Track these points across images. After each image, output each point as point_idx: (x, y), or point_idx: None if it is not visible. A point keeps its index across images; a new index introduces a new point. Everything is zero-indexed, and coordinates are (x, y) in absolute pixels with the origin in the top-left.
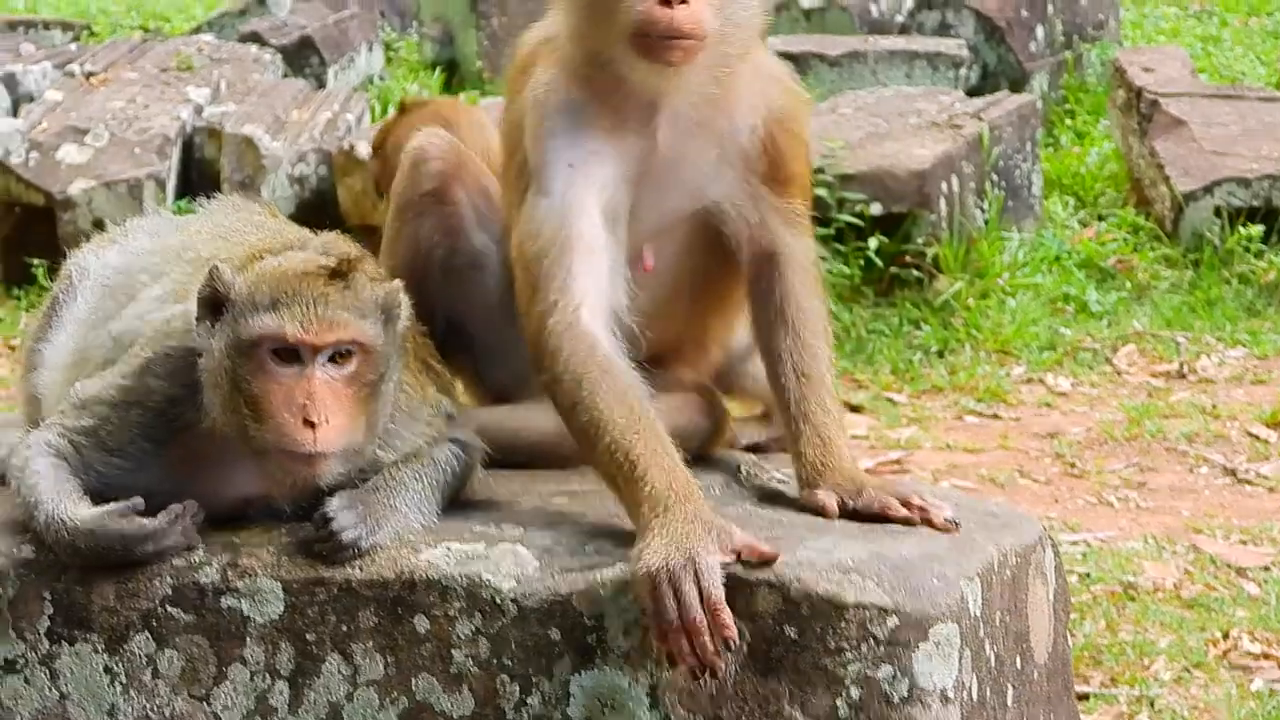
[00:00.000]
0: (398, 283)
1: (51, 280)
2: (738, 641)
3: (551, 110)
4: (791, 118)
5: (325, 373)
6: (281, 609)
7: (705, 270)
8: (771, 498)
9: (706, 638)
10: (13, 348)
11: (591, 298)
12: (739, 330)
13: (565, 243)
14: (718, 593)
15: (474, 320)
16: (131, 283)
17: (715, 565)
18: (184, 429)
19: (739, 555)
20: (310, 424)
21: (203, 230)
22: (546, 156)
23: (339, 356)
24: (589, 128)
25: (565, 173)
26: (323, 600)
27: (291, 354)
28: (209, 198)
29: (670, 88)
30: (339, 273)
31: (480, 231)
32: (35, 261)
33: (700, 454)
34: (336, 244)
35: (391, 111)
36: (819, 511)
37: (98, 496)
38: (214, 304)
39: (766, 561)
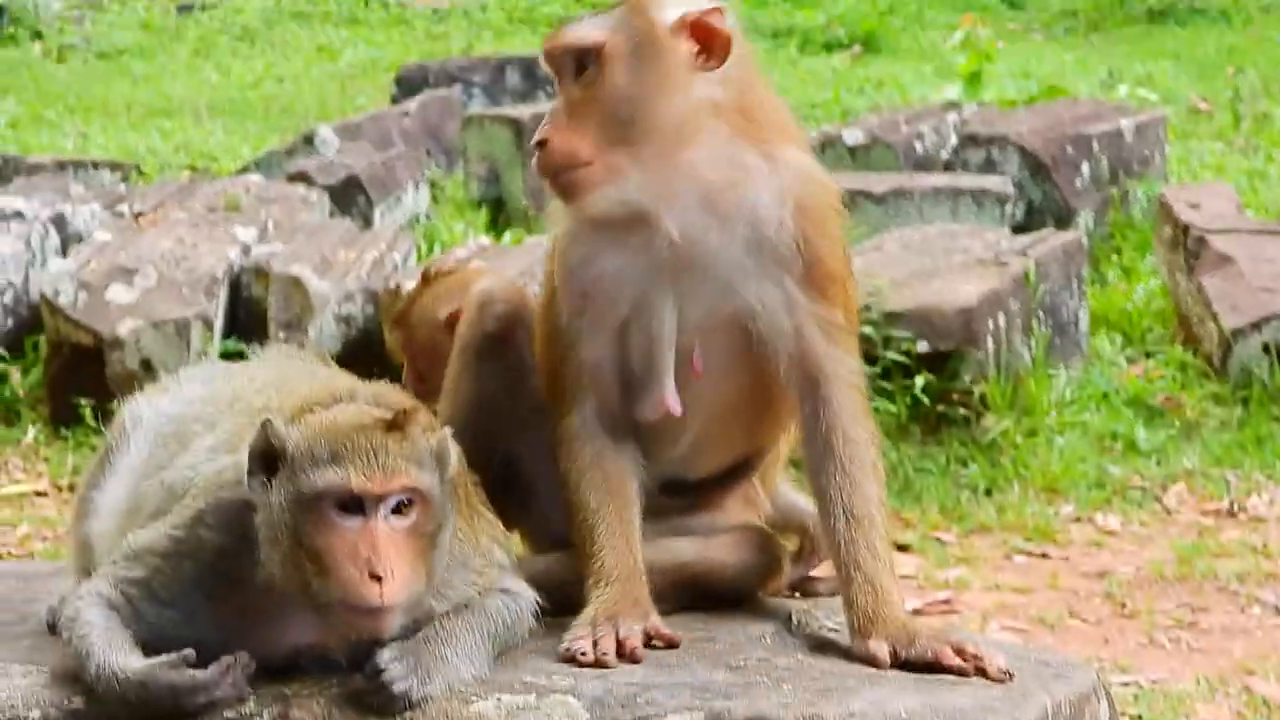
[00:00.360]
0: (447, 431)
1: (99, 421)
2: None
3: (565, 241)
4: (817, 209)
5: (388, 525)
6: None
7: (755, 384)
8: (823, 647)
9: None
10: (60, 488)
11: (597, 408)
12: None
13: (576, 367)
14: (634, 640)
15: (533, 465)
16: (184, 431)
17: (637, 630)
18: (237, 581)
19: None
20: (376, 578)
21: (254, 379)
22: (563, 284)
23: (400, 508)
24: (600, 252)
25: (578, 300)
26: None
27: (355, 506)
28: (257, 338)
29: (587, 208)
30: (395, 424)
31: None
32: (83, 401)
33: (753, 593)
34: (387, 395)
35: (415, 281)
36: (871, 662)
37: (149, 647)
38: (268, 458)
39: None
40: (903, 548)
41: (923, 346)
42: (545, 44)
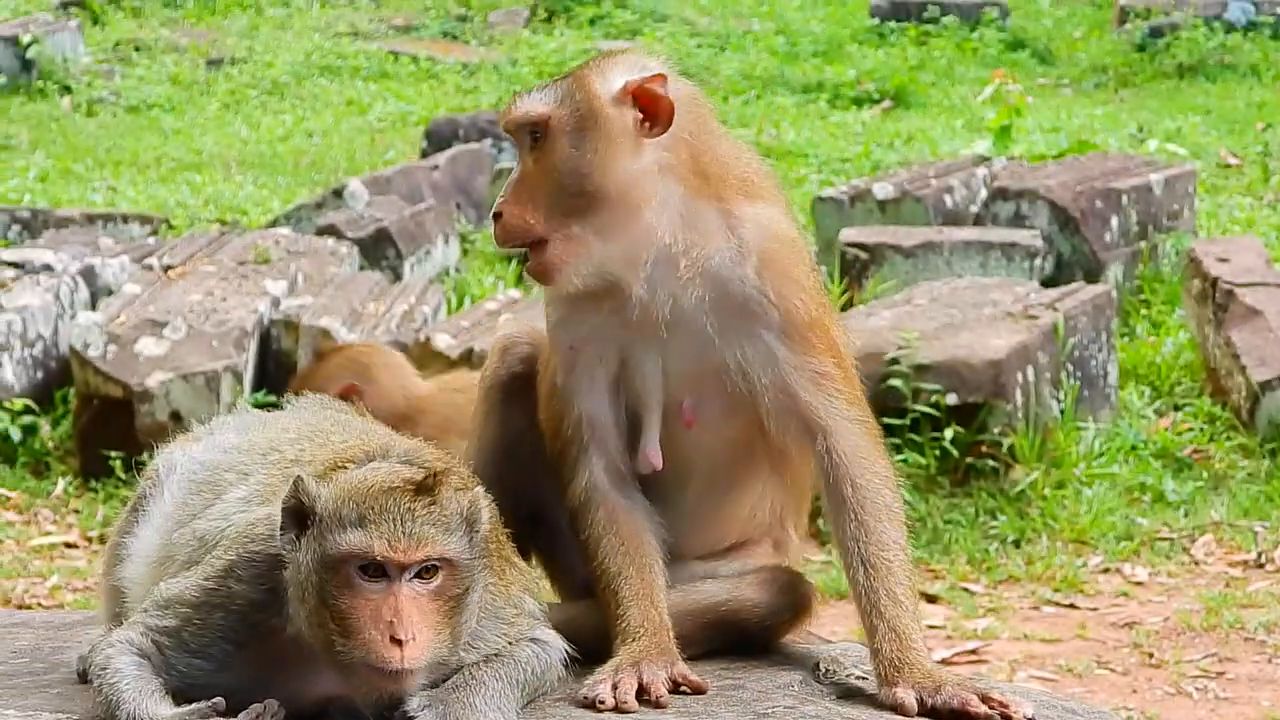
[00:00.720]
0: (479, 491)
1: (129, 473)
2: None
3: (550, 301)
4: (780, 262)
5: (412, 589)
6: None
7: (755, 433)
8: (851, 695)
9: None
10: (89, 540)
11: (603, 465)
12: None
13: (575, 422)
14: (659, 686)
15: (559, 509)
16: (218, 480)
17: (661, 676)
18: (267, 632)
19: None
20: (398, 641)
21: (289, 429)
22: (554, 342)
23: (425, 572)
24: (584, 310)
25: (568, 355)
26: None
27: (379, 570)
28: (286, 391)
29: (561, 289)
30: (425, 487)
31: None
32: (113, 454)
33: (783, 634)
34: (422, 453)
35: (312, 359)
36: (898, 710)
37: (179, 695)
38: (299, 515)
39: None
40: (931, 598)
41: (952, 399)
42: (501, 115)
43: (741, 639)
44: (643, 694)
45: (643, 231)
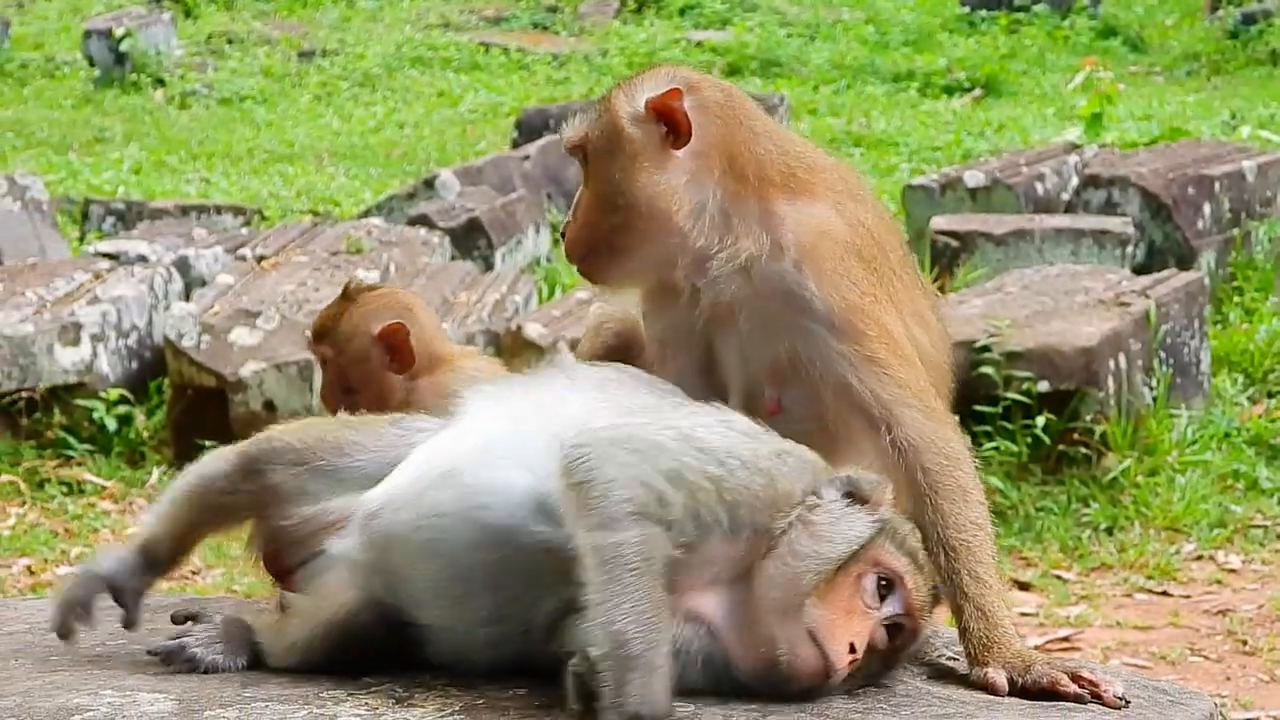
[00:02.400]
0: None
1: None
2: None
3: (640, 297)
4: (819, 257)
5: (883, 632)
6: None
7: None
8: (942, 675)
9: None
10: None
11: None
12: None
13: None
14: None
15: None
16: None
17: None
18: None
19: None
20: (851, 651)
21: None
22: (646, 335)
23: (895, 631)
24: (663, 305)
25: (658, 349)
26: None
27: (888, 589)
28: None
29: (609, 289)
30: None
31: None
32: (206, 443)
33: None
34: None
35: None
36: (988, 689)
37: None
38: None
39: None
40: (1024, 585)
41: (1044, 386)
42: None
43: None
44: None
45: (678, 234)
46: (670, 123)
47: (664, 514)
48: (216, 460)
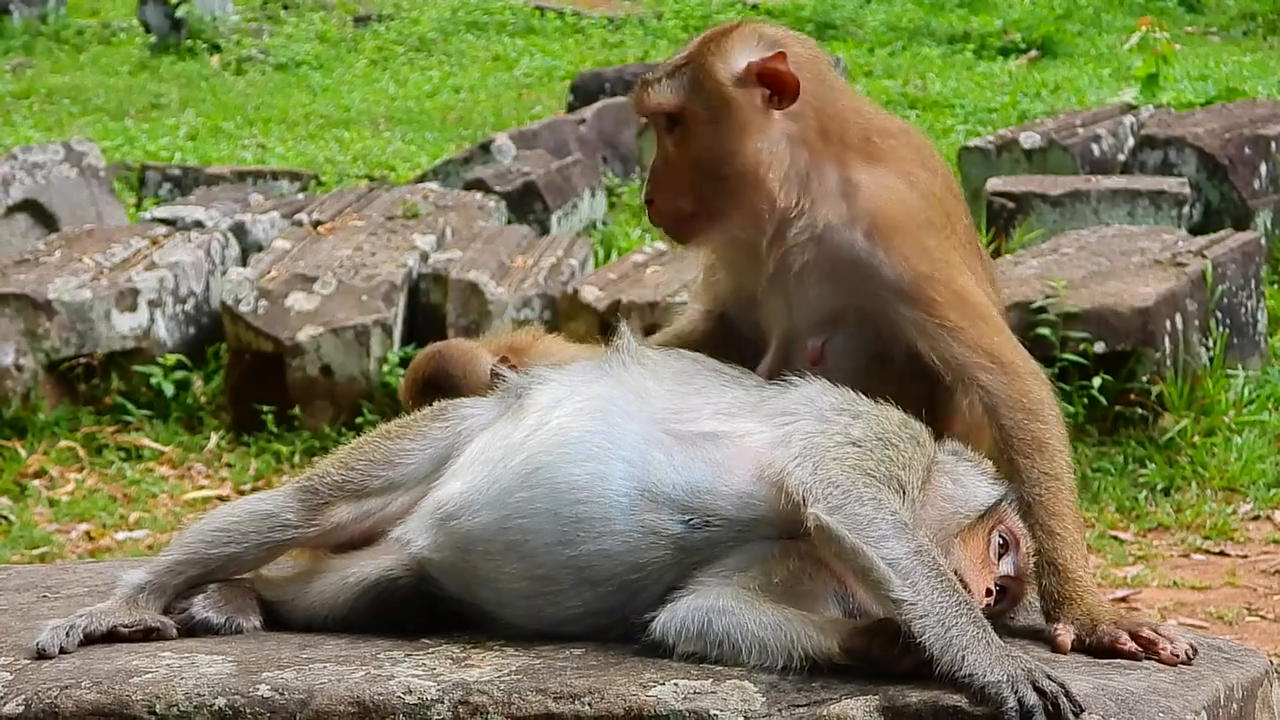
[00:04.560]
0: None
1: (280, 426)
2: None
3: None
4: (888, 226)
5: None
6: None
7: (890, 377)
8: (1010, 631)
9: None
10: (242, 493)
11: None
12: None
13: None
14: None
15: None
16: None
17: None
18: None
19: None
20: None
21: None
22: (703, 285)
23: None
24: (726, 262)
25: (712, 295)
26: None
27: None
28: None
29: (694, 248)
30: None
31: None
32: (264, 408)
33: None
34: None
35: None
36: (1054, 646)
37: None
38: None
39: None
40: None
41: (1100, 347)
42: (634, 102)
43: None
44: None
45: (767, 197)
46: (775, 85)
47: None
48: (269, 501)
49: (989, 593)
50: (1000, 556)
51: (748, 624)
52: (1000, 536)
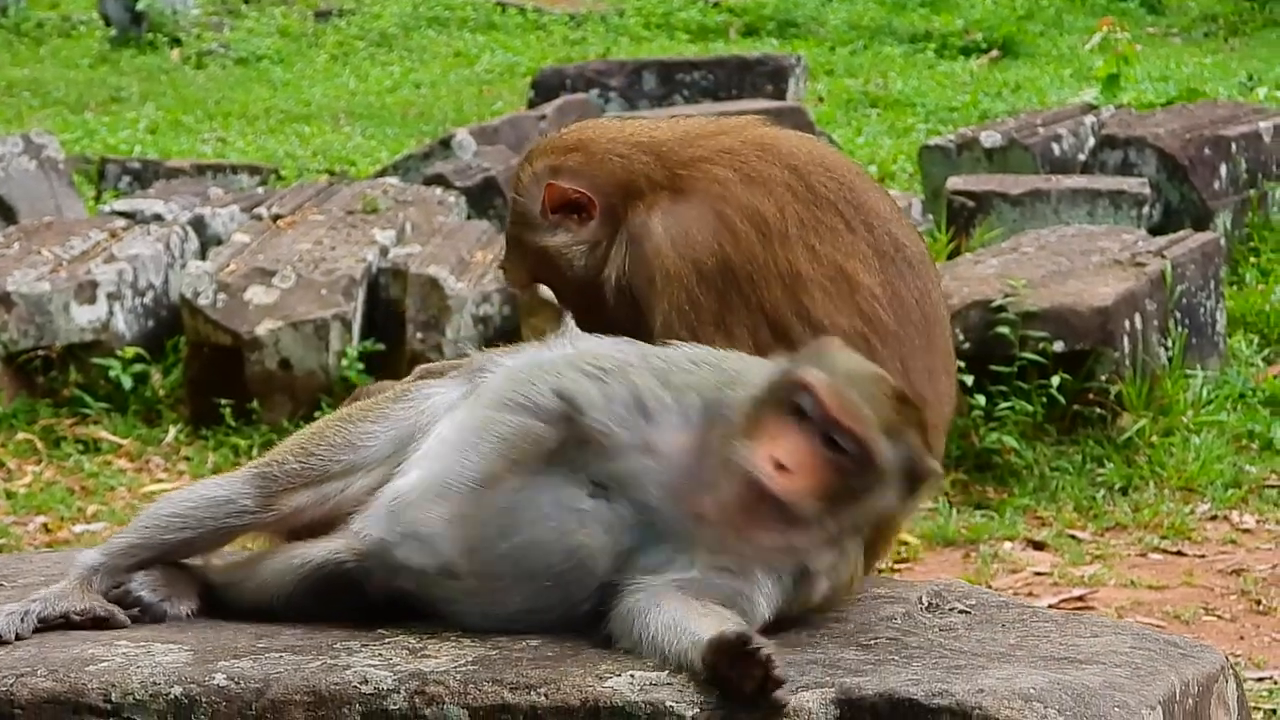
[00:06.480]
0: (938, 469)
1: (238, 420)
2: None
3: None
4: (639, 266)
5: (821, 449)
6: None
7: None
8: (952, 628)
9: None
10: None
11: None
12: None
13: None
14: None
15: None
16: None
17: None
18: None
19: None
20: (783, 469)
21: None
22: None
23: (838, 448)
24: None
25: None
26: None
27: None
28: (394, 339)
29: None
30: (903, 400)
31: None
32: (223, 401)
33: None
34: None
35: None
36: None
37: None
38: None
39: None
40: (1039, 545)
41: (1059, 346)
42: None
43: None
44: None
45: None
46: (573, 206)
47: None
48: (226, 487)
49: (780, 466)
50: (801, 411)
51: (654, 627)
52: (789, 393)
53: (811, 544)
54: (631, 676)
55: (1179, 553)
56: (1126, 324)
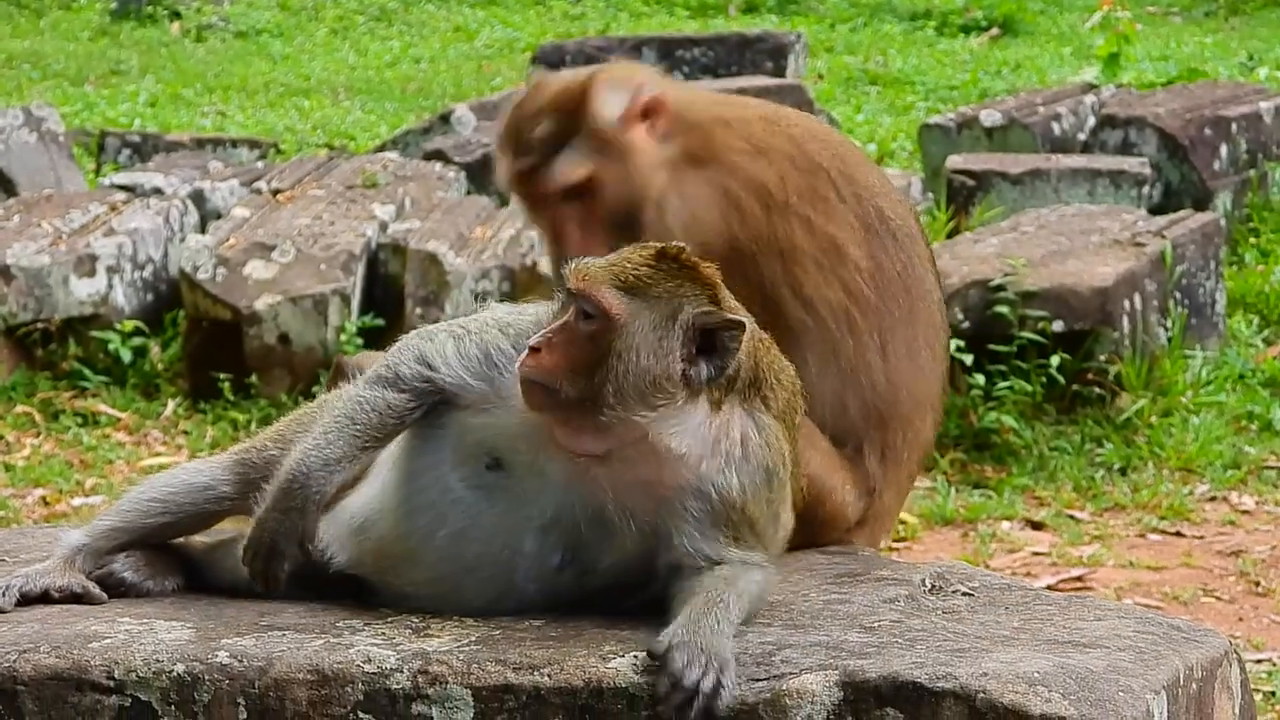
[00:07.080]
0: (740, 336)
1: (237, 394)
2: None
3: None
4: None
5: (570, 323)
6: (471, 715)
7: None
8: (954, 610)
9: None
10: None
11: None
12: None
13: None
14: None
15: None
16: None
17: None
18: None
19: None
20: (534, 350)
21: None
22: None
23: (587, 316)
24: None
25: None
26: (512, 707)
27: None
28: (393, 314)
29: None
30: (664, 254)
31: None
32: (221, 376)
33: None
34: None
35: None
36: None
37: None
38: None
39: None
40: (1037, 525)
41: (1058, 326)
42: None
43: None
44: None
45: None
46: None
47: None
48: (206, 473)
49: (532, 349)
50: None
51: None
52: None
53: (617, 421)
54: (635, 658)
55: (1178, 533)
56: (1126, 304)
